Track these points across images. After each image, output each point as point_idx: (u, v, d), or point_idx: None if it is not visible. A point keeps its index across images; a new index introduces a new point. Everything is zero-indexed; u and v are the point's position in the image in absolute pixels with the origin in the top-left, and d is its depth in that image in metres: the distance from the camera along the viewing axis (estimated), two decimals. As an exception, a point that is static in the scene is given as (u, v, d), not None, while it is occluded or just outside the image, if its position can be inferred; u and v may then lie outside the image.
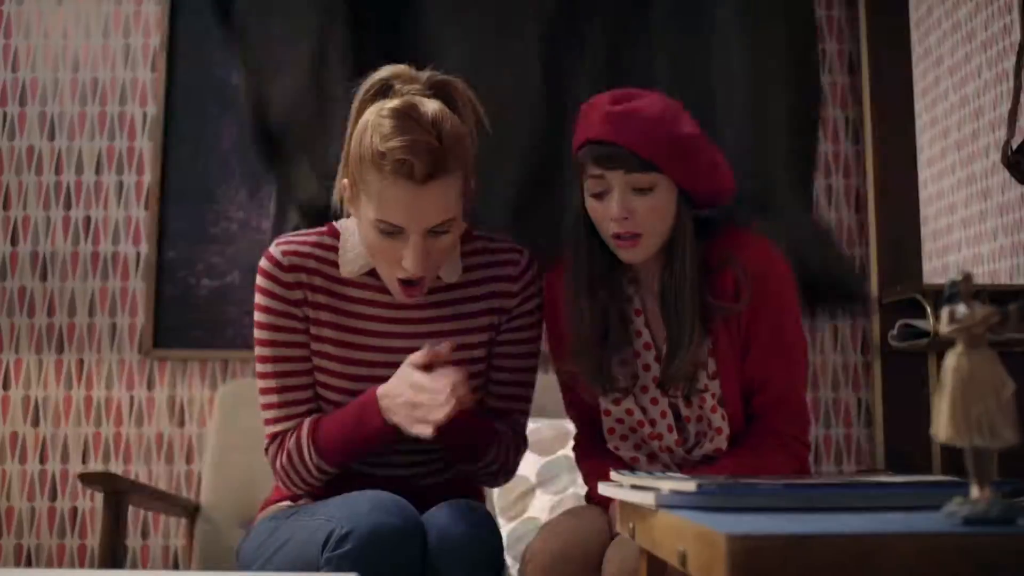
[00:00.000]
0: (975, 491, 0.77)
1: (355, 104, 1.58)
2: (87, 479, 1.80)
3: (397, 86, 1.55)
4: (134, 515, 2.80)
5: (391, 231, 1.48)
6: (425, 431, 1.43)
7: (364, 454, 1.55)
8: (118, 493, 1.85)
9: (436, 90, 1.57)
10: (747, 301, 1.52)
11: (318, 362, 1.61)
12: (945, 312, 0.80)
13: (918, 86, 4.26)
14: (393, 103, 1.50)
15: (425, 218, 1.48)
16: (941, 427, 0.77)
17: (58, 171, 3.01)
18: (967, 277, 0.79)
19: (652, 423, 1.58)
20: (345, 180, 1.56)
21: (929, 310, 2.59)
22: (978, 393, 0.76)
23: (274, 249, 1.61)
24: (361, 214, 1.53)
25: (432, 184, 1.46)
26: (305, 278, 1.60)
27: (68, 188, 3.01)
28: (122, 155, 3.03)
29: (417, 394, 1.44)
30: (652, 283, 1.61)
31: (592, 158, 1.52)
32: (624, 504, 1.07)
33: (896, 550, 0.69)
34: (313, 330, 1.61)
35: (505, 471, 1.67)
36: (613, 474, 1.11)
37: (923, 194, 4.21)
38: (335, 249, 1.61)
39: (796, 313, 1.58)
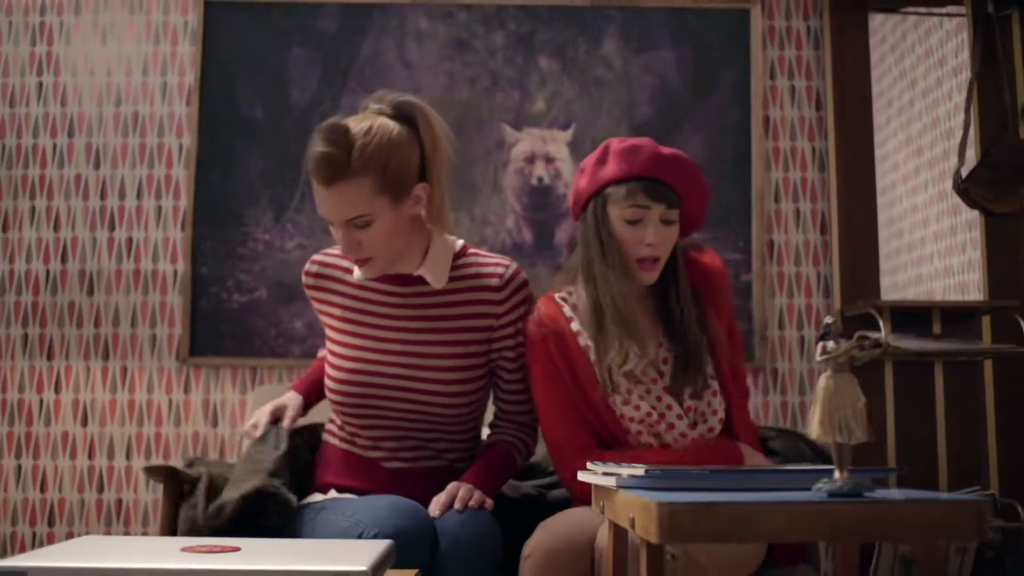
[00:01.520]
0: (837, 474, 1.05)
1: None
2: (151, 471, 2.00)
3: (364, 104, 1.81)
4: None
5: (327, 223, 1.78)
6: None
7: None
8: (176, 485, 2.08)
9: (396, 110, 1.78)
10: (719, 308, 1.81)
11: (330, 346, 1.89)
12: (819, 347, 1.08)
13: (893, 106, 4.39)
14: (326, 122, 1.75)
15: (337, 212, 1.74)
16: (813, 428, 1.05)
17: (103, 196, 3.08)
18: (835, 321, 1.08)
19: (662, 416, 1.74)
20: None
21: (881, 324, 2.72)
22: (839, 404, 1.04)
23: (309, 260, 1.93)
24: None
25: (337, 186, 1.71)
26: (324, 283, 1.89)
27: (112, 212, 3.08)
28: (160, 182, 3.10)
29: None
30: (641, 300, 1.80)
31: (643, 191, 1.73)
32: (597, 487, 1.35)
33: (773, 514, 0.98)
34: (327, 321, 1.90)
35: (527, 459, 1.95)
36: (589, 464, 1.39)
37: (898, 208, 4.35)
38: None
39: None
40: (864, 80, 3.14)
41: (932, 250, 3.88)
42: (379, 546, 1.22)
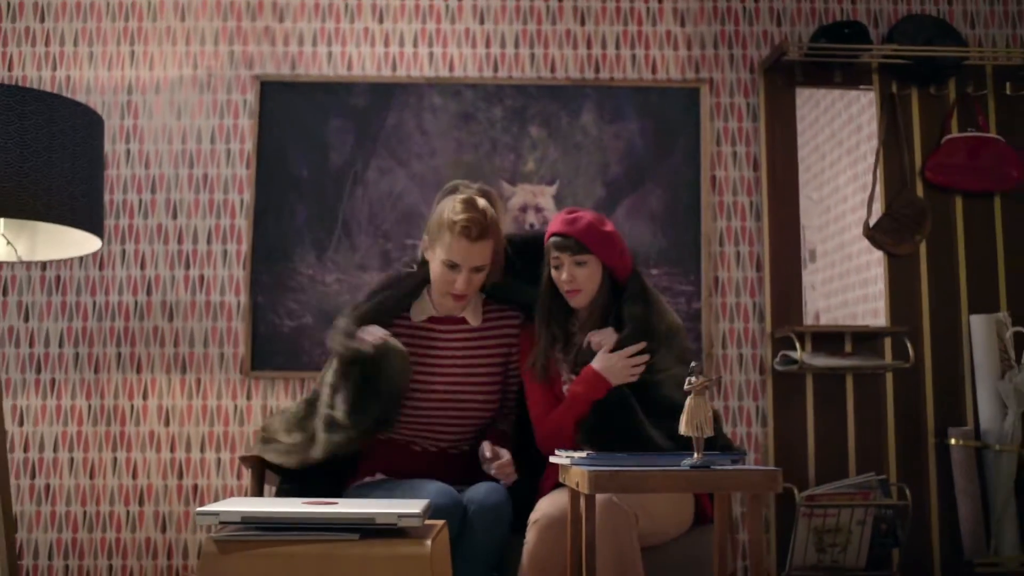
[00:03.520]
0: (696, 454, 1.76)
1: (437, 198, 2.50)
2: (244, 460, 2.62)
3: (461, 188, 2.47)
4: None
5: (452, 266, 2.39)
6: None
7: None
8: (262, 470, 2.69)
9: (484, 194, 2.47)
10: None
11: None
12: (687, 380, 1.79)
13: (843, 146, 4.96)
14: (461, 196, 2.41)
15: (472, 260, 2.38)
16: (682, 427, 1.76)
17: (180, 241, 3.50)
18: (696, 365, 1.78)
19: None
20: (426, 238, 2.46)
21: (798, 345, 3.34)
22: (696, 414, 1.74)
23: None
24: (434, 257, 2.43)
25: (479, 242, 2.37)
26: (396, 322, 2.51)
27: (187, 254, 3.50)
28: (226, 230, 3.51)
29: None
30: (590, 321, 2.45)
31: (556, 245, 2.38)
32: (561, 466, 2.06)
33: (655, 476, 1.69)
34: None
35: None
36: (557, 451, 2.10)
37: (848, 235, 4.91)
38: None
39: None
40: (791, 147, 3.62)
41: (876, 273, 4.47)
42: (423, 502, 1.93)
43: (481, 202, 2.40)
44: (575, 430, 2.31)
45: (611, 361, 2.31)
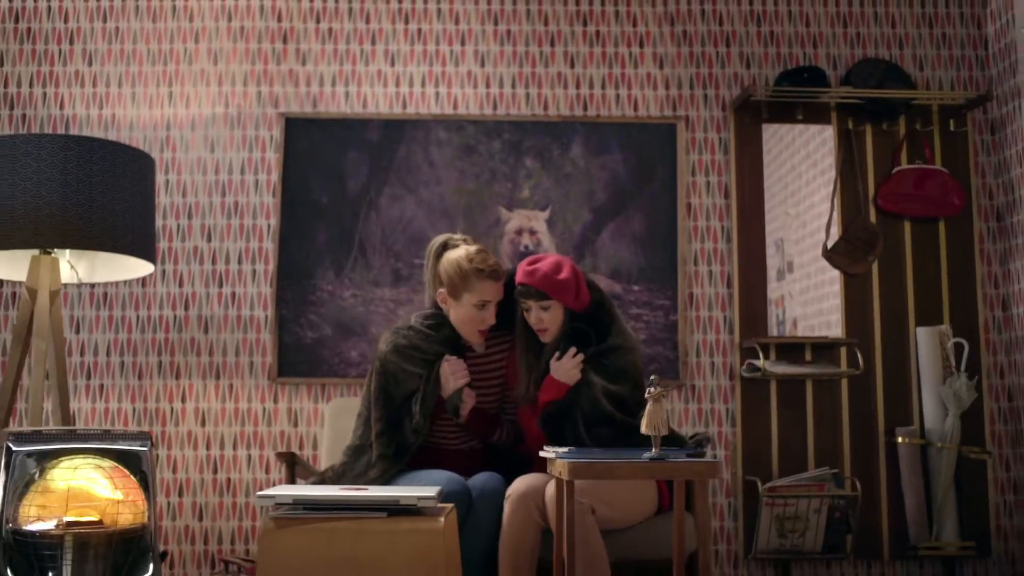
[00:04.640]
0: (654, 448, 2.19)
1: (431, 256, 2.83)
2: (280, 456, 3.07)
3: (452, 242, 2.84)
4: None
5: (483, 305, 2.73)
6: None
7: None
8: (293, 464, 3.09)
9: (473, 241, 2.85)
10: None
11: None
12: (647, 390, 2.22)
13: (818, 167, 5.36)
14: (472, 248, 2.75)
15: (498, 296, 2.74)
16: (643, 427, 2.19)
17: (214, 262, 3.78)
18: (656, 377, 2.21)
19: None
20: (442, 291, 2.80)
21: (761, 355, 3.69)
22: (654, 416, 2.18)
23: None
24: (461, 304, 2.76)
25: (501, 279, 2.73)
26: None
27: (220, 273, 3.78)
28: (254, 252, 3.77)
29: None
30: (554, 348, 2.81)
31: (521, 294, 2.77)
32: (548, 459, 2.50)
33: (620, 466, 2.13)
34: None
35: (510, 443, 2.92)
36: (545, 447, 2.54)
37: (820, 250, 5.32)
38: None
39: None
40: (758, 177, 3.94)
41: (841, 286, 4.83)
42: (437, 488, 2.37)
43: (481, 246, 2.78)
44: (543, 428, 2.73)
45: (560, 366, 2.69)
